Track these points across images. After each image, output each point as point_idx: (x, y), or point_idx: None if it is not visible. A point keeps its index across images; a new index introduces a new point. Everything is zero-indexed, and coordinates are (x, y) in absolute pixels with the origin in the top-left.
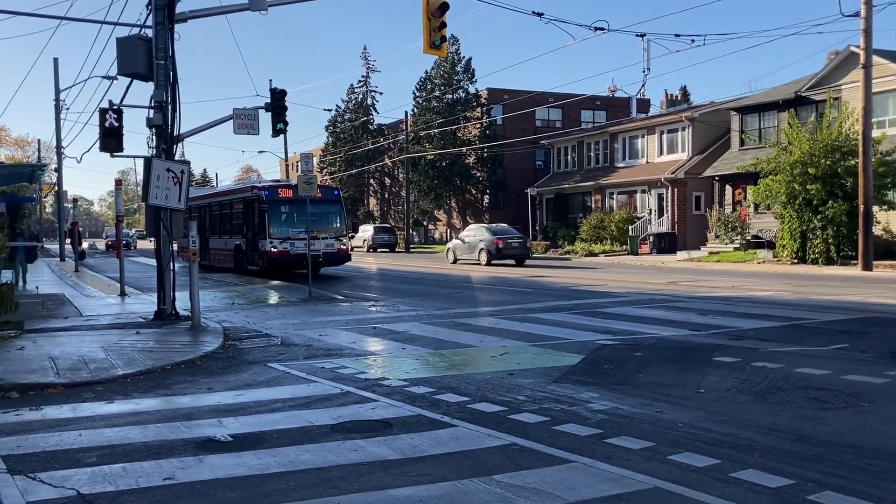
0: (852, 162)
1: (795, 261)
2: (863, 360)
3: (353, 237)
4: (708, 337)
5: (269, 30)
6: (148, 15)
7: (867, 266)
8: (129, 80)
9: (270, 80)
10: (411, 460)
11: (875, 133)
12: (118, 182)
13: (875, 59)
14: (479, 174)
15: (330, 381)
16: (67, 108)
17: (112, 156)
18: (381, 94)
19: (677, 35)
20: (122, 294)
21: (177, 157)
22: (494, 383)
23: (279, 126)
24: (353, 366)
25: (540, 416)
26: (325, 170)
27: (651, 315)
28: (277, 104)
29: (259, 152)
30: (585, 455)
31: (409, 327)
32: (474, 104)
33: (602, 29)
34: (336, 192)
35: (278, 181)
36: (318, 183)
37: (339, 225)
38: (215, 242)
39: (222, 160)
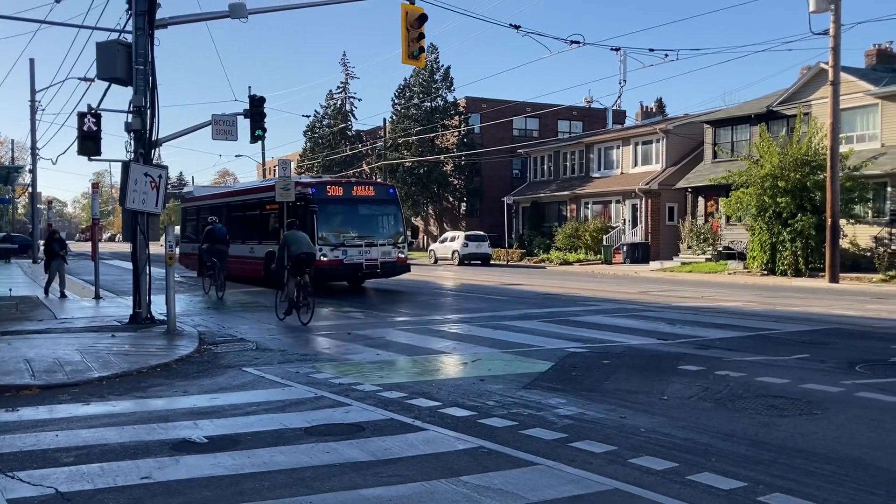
0: (821, 176)
1: (765, 272)
2: (822, 370)
3: (412, 243)
4: (675, 346)
5: (248, 35)
6: (128, 20)
7: (834, 278)
8: (108, 83)
9: (249, 87)
10: (382, 462)
11: (843, 148)
12: (95, 185)
13: (843, 76)
14: (456, 182)
15: (304, 386)
16: (43, 110)
17: (90, 159)
18: (359, 100)
19: (651, 49)
20: (97, 297)
21: (154, 162)
22: (466, 389)
23: (258, 132)
24: (327, 371)
25: (508, 421)
26: (303, 175)
27: (621, 324)
28: (256, 111)
29: (236, 156)
30: (550, 458)
31: (383, 333)
32: (452, 112)
33: (577, 42)
34: (392, 191)
35: (320, 177)
36: (373, 181)
37: (397, 229)
38: (236, 249)
39: (199, 164)
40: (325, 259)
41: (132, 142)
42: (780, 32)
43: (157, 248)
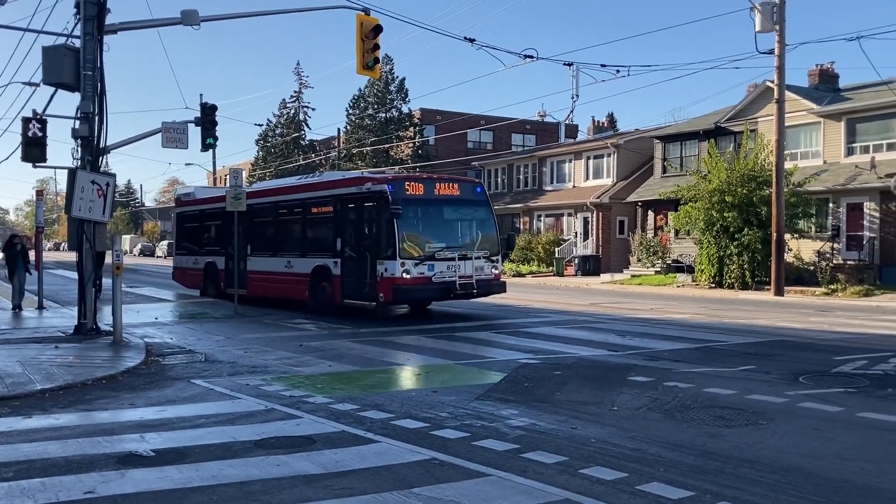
0: (766, 191)
1: (713, 285)
2: (767, 381)
3: (507, 255)
4: (624, 357)
5: (200, 43)
6: (76, 24)
7: (779, 291)
8: (54, 89)
9: (201, 95)
10: (333, 474)
11: (788, 165)
12: (39, 192)
13: (788, 94)
14: None
15: (254, 398)
16: None
17: (34, 166)
18: (313, 109)
19: (603, 65)
20: (40, 307)
21: (102, 169)
22: (418, 400)
23: (209, 141)
24: (278, 383)
25: (461, 432)
26: (254, 183)
27: (572, 335)
28: (207, 119)
29: (186, 165)
30: (502, 469)
31: (336, 345)
32: (407, 124)
33: (531, 57)
34: (479, 189)
35: (389, 171)
36: (456, 177)
37: (490, 237)
38: (264, 263)
39: (148, 172)
40: (408, 276)
41: (79, 148)
42: (728, 51)
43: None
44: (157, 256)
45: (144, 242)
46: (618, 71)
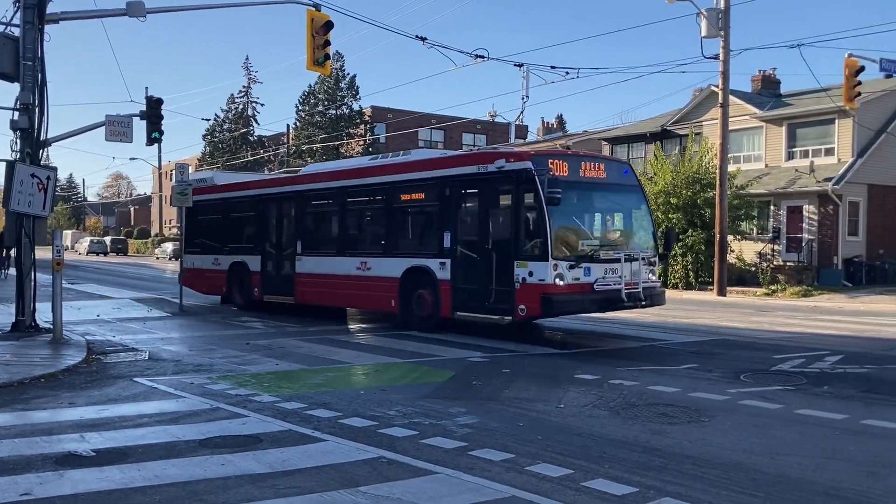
0: (710, 194)
1: None
2: (709, 379)
3: (665, 256)
4: (571, 355)
5: (146, 35)
6: (15, 13)
7: (722, 292)
8: None
9: (146, 88)
10: (280, 474)
11: (731, 168)
12: None
13: (732, 99)
14: None
15: (199, 397)
16: None
17: None
18: (262, 105)
19: (553, 67)
20: None
21: (42, 162)
22: (367, 399)
23: (154, 135)
24: (223, 381)
25: (409, 430)
26: (307, 167)
27: (520, 334)
28: (153, 112)
29: (131, 159)
30: (450, 467)
31: (283, 343)
32: (358, 121)
33: (482, 57)
34: (627, 171)
35: (521, 145)
36: (599, 155)
37: (647, 233)
38: (324, 264)
39: (91, 166)
40: (562, 283)
41: (18, 140)
42: (675, 55)
43: (43, 252)
44: (79, 253)
45: (94, 240)
46: (567, 73)
